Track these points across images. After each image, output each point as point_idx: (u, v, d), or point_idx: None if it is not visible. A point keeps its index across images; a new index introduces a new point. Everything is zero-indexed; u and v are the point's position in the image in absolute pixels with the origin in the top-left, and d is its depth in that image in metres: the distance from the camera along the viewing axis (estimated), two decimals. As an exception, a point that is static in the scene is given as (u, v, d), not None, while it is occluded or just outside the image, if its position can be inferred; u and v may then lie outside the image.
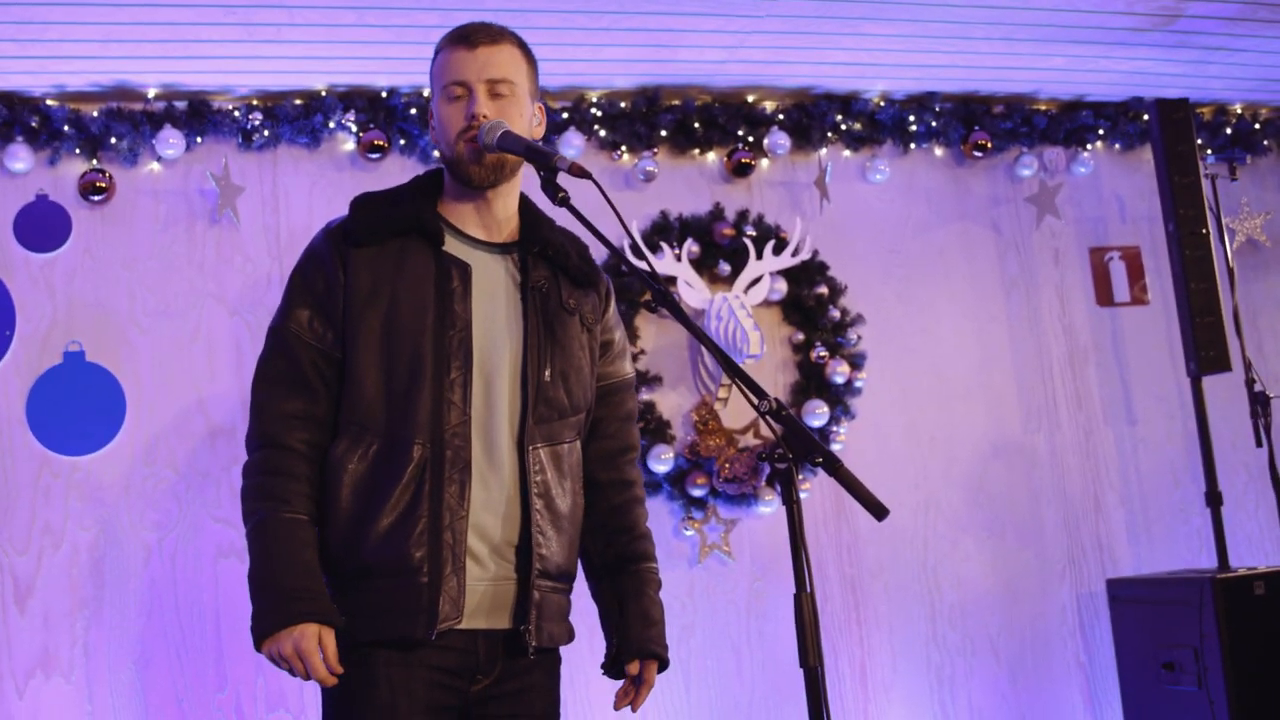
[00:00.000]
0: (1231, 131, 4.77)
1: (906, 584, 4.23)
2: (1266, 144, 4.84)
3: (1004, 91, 4.49)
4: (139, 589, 3.61)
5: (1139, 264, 4.66)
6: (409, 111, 3.91)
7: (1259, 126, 4.81)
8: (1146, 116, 4.57)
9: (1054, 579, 4.38)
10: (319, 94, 3.85)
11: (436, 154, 3.15)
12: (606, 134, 4.10)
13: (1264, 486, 4.44)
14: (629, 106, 4.13)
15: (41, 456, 3.61)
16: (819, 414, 4.10)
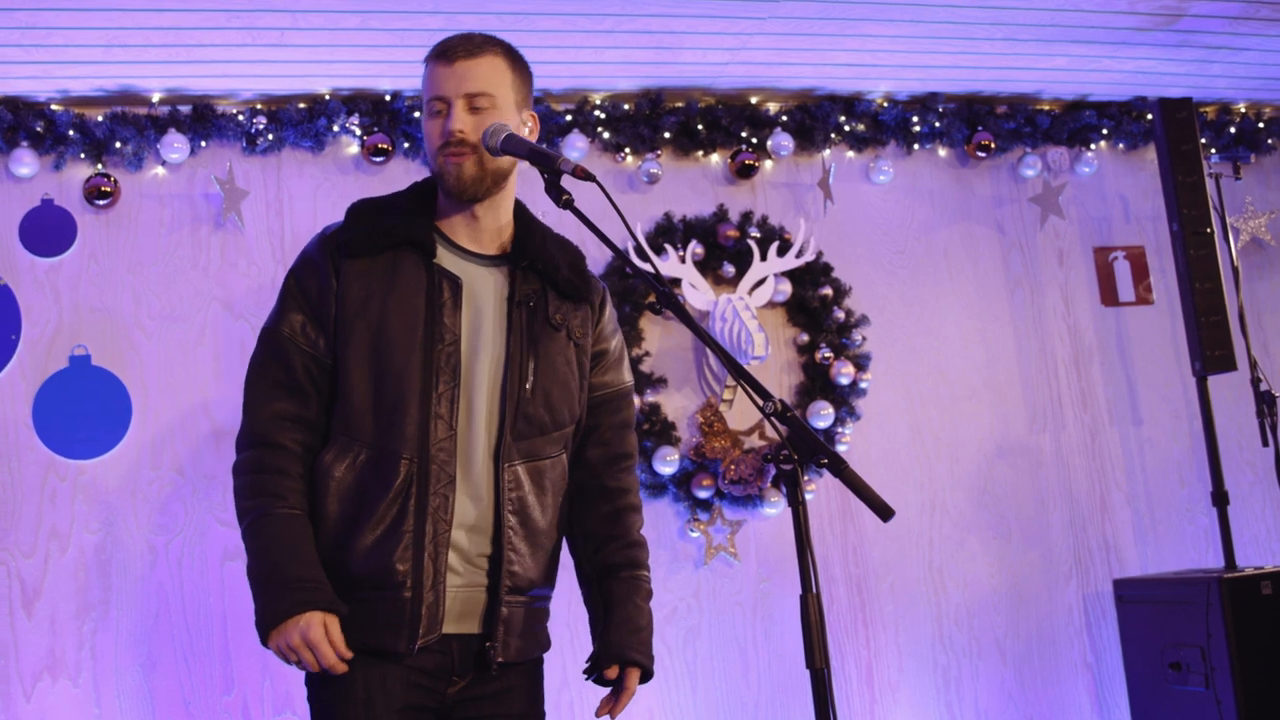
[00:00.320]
0: (1235, 131, 4.77)
1: (912, 585, 4.23)
2: (1270, 143, 4.83)
3: (1007, 92, 4.49)
4: (145, 592, 3.62)
5: (1143, 264, 4.65)
6: (413, 115, 3.91)
7: (1263, 125, 4.80)
8: (1150, 116, 4.56)
9: (1060, 579, 4.38)
10: (323, 98, 3.86)
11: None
12: (610, 136, 4.10)
13: (1270, 485, 4.44)
14: (632, 109, 4.13)
15: (48, 460, 3.62)
16: (824, 415, 4.10)
